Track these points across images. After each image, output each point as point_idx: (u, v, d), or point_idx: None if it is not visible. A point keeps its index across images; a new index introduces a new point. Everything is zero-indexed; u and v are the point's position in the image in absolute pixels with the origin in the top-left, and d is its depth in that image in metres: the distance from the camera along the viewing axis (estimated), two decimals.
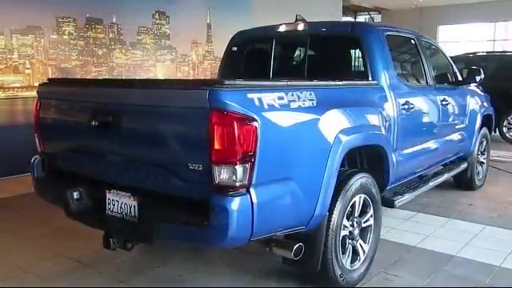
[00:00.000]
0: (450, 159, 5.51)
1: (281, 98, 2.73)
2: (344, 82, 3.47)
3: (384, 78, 3.91)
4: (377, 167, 3.76)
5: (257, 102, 2.57)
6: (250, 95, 2.55)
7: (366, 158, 3.73)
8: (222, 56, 5.06)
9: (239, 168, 2.45)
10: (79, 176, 3.30)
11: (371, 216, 3.60)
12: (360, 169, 3.57)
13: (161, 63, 8.96)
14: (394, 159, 3.88)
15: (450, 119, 5.16)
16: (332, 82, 3.32)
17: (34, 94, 3.54)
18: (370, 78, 3.88)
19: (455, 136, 5.35)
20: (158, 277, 3.71)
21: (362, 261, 3.53)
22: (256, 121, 2.50)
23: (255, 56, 4.81)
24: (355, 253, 3.48)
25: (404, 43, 4.71)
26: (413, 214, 5.24)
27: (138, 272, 3.76)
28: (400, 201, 4.13)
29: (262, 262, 3.82)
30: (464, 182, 6.11)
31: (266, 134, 2.56)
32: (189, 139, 2.56)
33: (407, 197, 4.28)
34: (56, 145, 3.45)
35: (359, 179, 3.35)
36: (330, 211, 3.08)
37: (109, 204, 3.13)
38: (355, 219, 3.44)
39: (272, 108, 2.65)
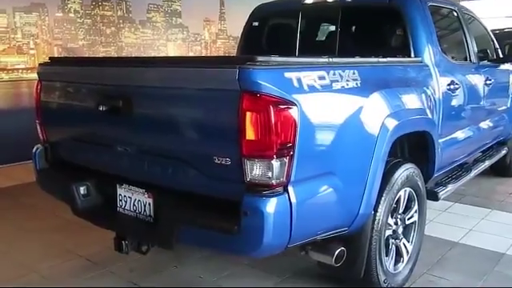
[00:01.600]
0: (490, 144, 5.04)
1: (322, 78, 2.29)
2: (388, 59, 3.02)
3: (428, 55, 3.44)
4: (421, 156, 3.32)
5: (295, 83, 2.14)
6: (287, 74, 2.11)
7: (408, 145, 3.29)
8: (237, 34, 4.60)
9: (276, 162, 2.03)
10: (86, 168, 2.91)
11: (415, 212, 3.18)
12: (404, 159, 3.13)
13: (172, 42, 8.52)
14: (439, 146, 3.44)
15: (493, 100, 4.68)
16: (376, 59, 2.87)
17: None
18: (413, 55, 3.42)
19: (497, 119, 4.87)
20: (176, 278, 3.34)
21: (405, 262, 3.12)
22: (295, 105, 2.08)
23: (278, 32, 4.34)
24: (398, 254, 3.07)
25: (446, 15, 4.21)
26: (449, 204, 4.80)
27: (153, 272, 3.39)
28: (444, 192, 3.70)
29: (291, 262, 3.43)
30: (501, 169, 5.65)
31: (307, 120, 2.14)
32: (214, 128, 2.13)
33: (450, 188, 3.84)
34: (60, 133, 3.05)
35: (405, 171, 2.92)
36: (375, 209, 2.66)
37: (120, 201, 2.75)
38: (399, 216, 3.03)
39: (312, 90, 2.22)
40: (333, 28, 4.18)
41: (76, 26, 7.27)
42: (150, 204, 2.58)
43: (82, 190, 2.83)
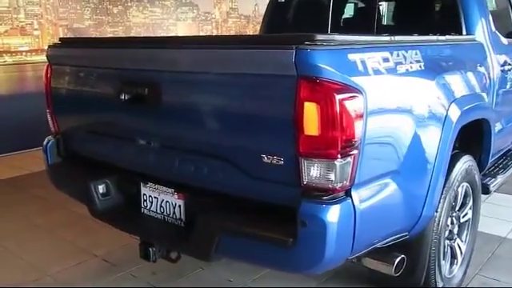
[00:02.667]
0: None
1: (386, 60, 1.93)
2: (448, 38, 2.65)
3: (482, 32, 3.06)
4: (474, 146, 2.98)
5: (360, 67, 1.78)
6: (351, 56, 1.76)
7: (462, 134, 2.95)
8: (248, 13, 4.24)
9: (339, 163, 1.69)
10: (104, 164, 2.58)
11: (470, 208, 2.86)
12: (460, 150, 2.78)
13: (182, 22, 8.12)
14: (494, 134, 3.09)
15: None
16: (435, 37, 2.50)
17: (44, 58, 2.80)
18: (465, 32, 3.04)
19: None
20: (203, 281, 3.04)
21: (459, 264, 2.81)
22: (361, 93, 1.73)
23: (308, 7, 3.95)
24: (452, 255, 2.76)
25: None
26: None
27: (177, 275, 3.08)
28: (494, 185, 3.36)
29: None
30: None
31: (372, 111, 1.79)
32: (264, 121, 1.79)
33: (500, 179, 3.49)
34: (74, 124, 2.71)
35: (464, 164, 2.58)
36: (436, 209, 2.33)
37: (144, 201, 2.43)
38: (454, 214, 2.70)
39: (377, 74, 1.87)
40: (371, 3, 3.79)
41: (82, 4, 6.86)
42: (180, 206, 2.26)
43: (101, 188, 2.51)
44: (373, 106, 1.79)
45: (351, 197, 1.75)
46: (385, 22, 3.69)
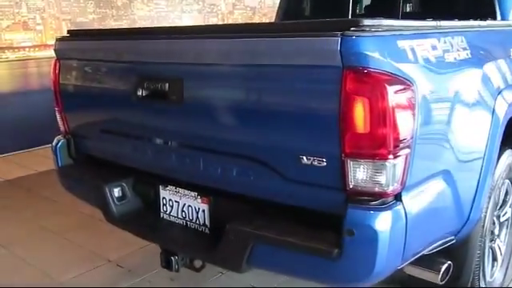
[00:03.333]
0: None
1: (434, 48, 1.74)
2: (488, 23, 2.45)
3: None
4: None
5: (410, 56, 1.59)
6: (401, 43, 1.56)
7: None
8: (254, 4, 4.03)
9: (391, 163, 1.50)
10: (119, 166, 2.40)
11: (510, 207, 2.67)
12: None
13: (187, 14, 7.89)
14: None
15: None
16: (476, 23, 2.30)
17: (47, 53, 2.62)
18: (499, 17, 2.84)
19: None
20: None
21: (499, 266, 2.63)
22: (413, 85, 1.54)
23: None
24: (493, 257, 2.57)
25: None
26: None
27: (196, 281, 2.90)
28: None
29: None
30: None
31: (424, 105, 1.60)
32: (303, 118, 1.60)
33: None
34: (85, 123, 2.53)
35: (507, 159, 2.39)
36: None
37: (164, 205, 2.25)
38: (495, 213, 2.51)
39: (427, 64, 1.67)
40: None
41: None
42: (204, 211, 2.08)
43: (117, 192, 2.33)
44: (423, 98, 1.59)
45: (402, 201, 1.57)
46: (408, 9, 3.48)
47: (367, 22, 1.49)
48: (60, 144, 2.59)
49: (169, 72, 1.93)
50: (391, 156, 1.49)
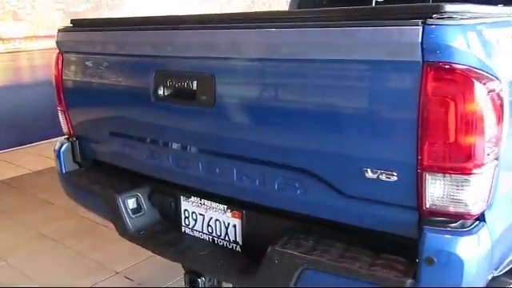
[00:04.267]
0: None
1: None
2: None
3: None
4: None
5: (496, 48, 1.34)
6: (487, 34, 1.31)
7: None
8: None
9: (477, 179, 1.25)
10: (132, 173, 2.13)
11: None
12: None
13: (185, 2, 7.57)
14: None
15: None
16: None
17: (39, 45, 2.32)
18: None
19: None
20: None
21: None
22: (501, 85, 1.29)
23: None
24: None
25: None
26: None
27: None
28: None
29: None
30: None
31: (510, 107, 1.35)
32: (370, 124, 1.33)
33: None
34: (93, 125, 2.24)
35: None
36: None
37: (186, 218, 1.98)
38: None
39: (508, 57, 1.42)
40: None
41: None
42: (235, 226, 1.82)
43: (131, 203, 2.06)
44: (509, 99, 1.34)
45: (486, 222, 1.32)
46: None
47: (449, 7, 1.23)
48: (64, 148, 2.31)
49: (198, 68, 1.65)
50: (478, 170, 1.24)
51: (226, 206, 1.84)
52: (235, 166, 1.68)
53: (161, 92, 1.76)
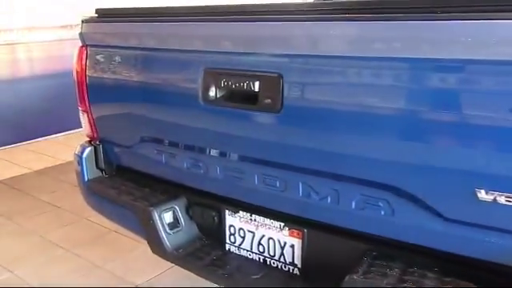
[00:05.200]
0: None
1: None
2: None
3: None
4: None
5: None
6: None
7: None
8: None
9: None
10: (165, 181, 1.90)
11: None
12: None
13: None
14: None
15: None
16: None
17: (36, 37, 2.04)
18: None
19: None
20: None
21: None
22: None
23: None
24: None
25: None
26: None
27: None
28: None
29: None
30: None
31: None
32: (485, 132, 1.11)
33: None
34: (122, 128, 2.00)
35: None
36: None
37: (231, 235, 1.76)
38: None
39: None
40: None
41: None
42: (293, 247, 1.60)
43: (168, 217, 1.83)
44: None
45: None
46: None
47: None
48: (87, 152, 2.07)
49: (261, 66, 1.41)
50: None
51: (282, 224, 1.62)
52: (301, 180, 1.46)
53: (212, 94, 1.53)
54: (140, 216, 1.85)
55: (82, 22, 1.97)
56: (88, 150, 2.07)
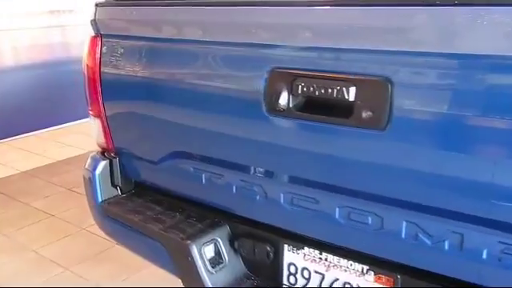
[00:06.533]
0: None
1: None
2: None
3: None
4: None
5: None
6: None
7: None
8: None
9: None
10: (202, 205, 1.53)
11: None
12: None
13: None
14: None
15: None
16: None
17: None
18: None
19: None
20: None
21: None
22: None
23: None
24: None
25: None
26: None
27: None
28: None
29: None
30: None
31: None
32: None
33: None
34: (147, 139, 1.61)
35: None
36: None
37: (291, 275, 1.41)
38: None
39: None
40: None
41: None
42: None
43: (209, 251, 1.46)
44: None
45: None
46: None
47: None
48: (101, 167, 1.68)
49: (359, 67, 1.04)
50: None
51: (366, 267, 1.27)
52: (407, 218, 1.10)
53: (282, 102, 1.15)
54: (174, 251, 1.48)
55: (96, 5, 1.57)
56: (102, 164, 1.68)
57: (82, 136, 5.28)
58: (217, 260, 1.48)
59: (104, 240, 2.97)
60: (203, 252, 1.45)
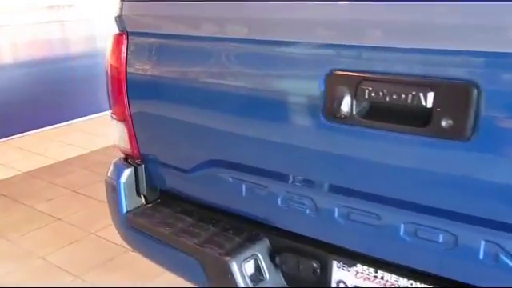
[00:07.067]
0: None
1: None
2: None
3: None
4: None
5: None
6: None
7: None
8: None
9: None
10: (239, 217, 1.42)
11: None
12: None
13: None
14: None
15: None
16: None
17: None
18: None
19: None
20: None
21: None
22: None
23: None
24: None
25: None
26: None
27: None
28: None
29: None
30: None
31: None
32: None
33: None
34: (178, 145, 1.49)
35: None
36: None
37: None
38: None
39: None
40: None
41: None
42: None
43: (249, 267, 1.35)
44: None
45: None
46: None
47: None
48: (127, 175, 1.56)
49: (436, 70, 0.93)
50: None
51: (427, 285, 1.16)
52: (483, 236, 0.99)
53: (344, 107, 1.04)
54: (210, 267, 1.37)
55: (123, 0, 1.44)
56: (127, 172, 1.56)
57: (83, 134, 5.14)
58: (257, 277, 1.37)
59: (114, 245, 2.86)
60: (244, 268, 1.34)
